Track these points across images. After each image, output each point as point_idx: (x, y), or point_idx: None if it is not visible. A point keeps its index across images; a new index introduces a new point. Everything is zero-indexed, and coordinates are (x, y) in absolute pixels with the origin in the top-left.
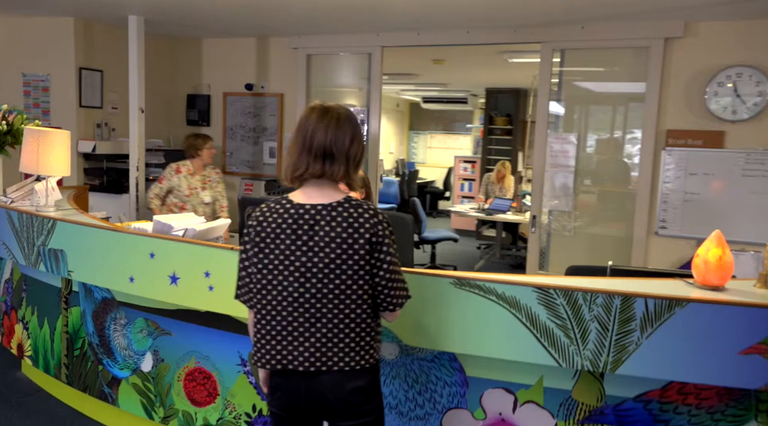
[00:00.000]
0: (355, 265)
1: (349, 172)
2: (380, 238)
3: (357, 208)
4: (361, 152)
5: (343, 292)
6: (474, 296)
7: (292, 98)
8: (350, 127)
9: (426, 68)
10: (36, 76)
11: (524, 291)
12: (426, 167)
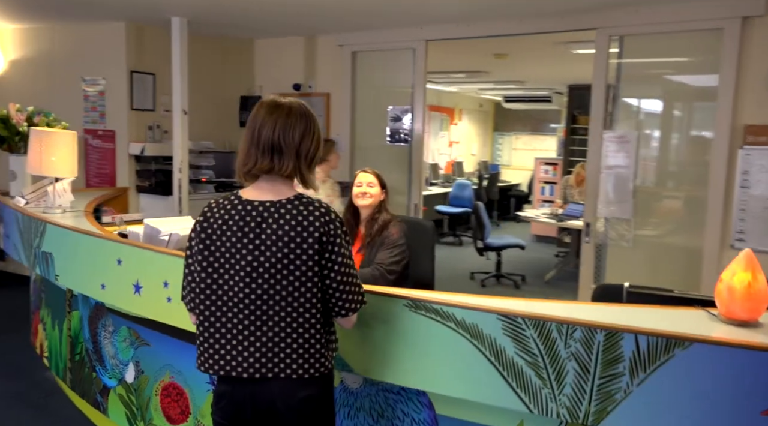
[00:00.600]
0: (303, 266)
1: (300, 168)
2: (331, 238)
3: (308, 206)
4: (316, 148)
5: (290, 293)
6: (431, 322)
7: (339, 97)
8: (301, 122)
9: (492, 64)
10: (94, 80)
11: (487, 318)
12: (511, 170)
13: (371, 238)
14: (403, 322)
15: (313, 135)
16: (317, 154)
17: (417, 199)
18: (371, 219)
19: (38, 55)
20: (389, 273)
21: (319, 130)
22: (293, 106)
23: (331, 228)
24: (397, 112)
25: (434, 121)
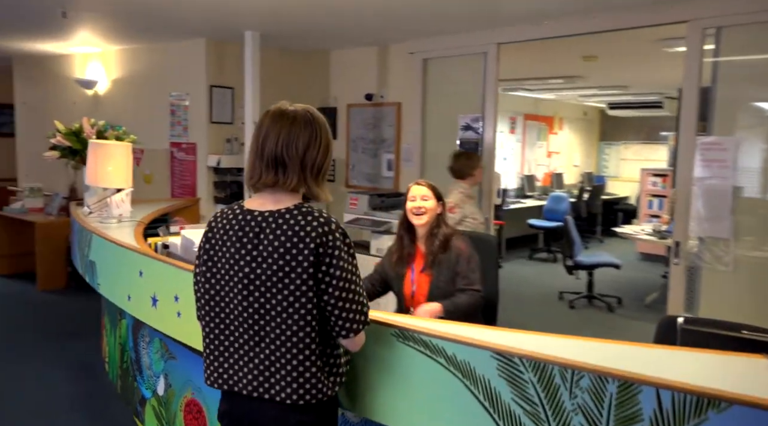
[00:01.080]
0: (297, 279)
1: (306, 181)
2: (330, 249)
3: (306, 215)
4: (323, 157)
5: (285, 309)
6: (420, 356)
7: (410, 106)
8: (306, 130)
9: (583, 68)
10: (179, 95)
11: (481, 356)
12: (618, 181)
13: (435, 256)
14: (392, 353)
15: (319, 144)
16: (325, 163)
17: (487, 212)
18: (430, 235)
19: (134, 74)
20: (480, 292)
21: (327, 137)
22: (298, 113)
23: (329, 239)
24: (468, 120)
25: (531, 131)
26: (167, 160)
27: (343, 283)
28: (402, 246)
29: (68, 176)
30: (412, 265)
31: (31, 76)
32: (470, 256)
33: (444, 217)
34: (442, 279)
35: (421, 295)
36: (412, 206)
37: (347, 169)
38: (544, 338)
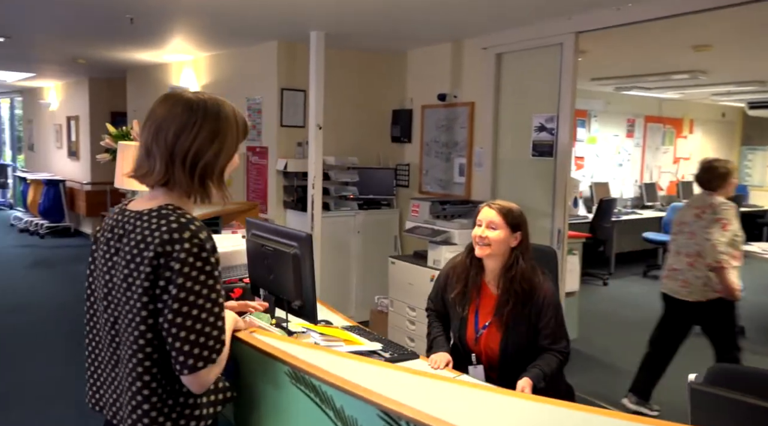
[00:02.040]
0: (135, 294)
1: (174, 175)
2: (172, 262)
3: (160, 218)
4: (202, 150)
5: (125, 329)
6: (308, 402)
7: (482, 107)
8: (184, 116)
9: (698, 61)
10: (254, 99)
11: (367, 413)
12: (764, 192)
13: (511, 305)
14: (283, 396)
15: (195, 133)
16: (208, 158)
17: (560, 223)
18: (503, 274)
19: (218, 80)
20: (563, 350)
21: (215, 129)
22: (178, 97)
23: (173, 249)
24: (542, 120)
25: (653, 134)
26: (244, 164)
27: (179, 306)
28: (467, 277)
29: None
30: (477, 305)
31: (139, 86)
32: (557, 306)
33: (525, 251)
34: (519, 332)
35: (490, 351)
36: (476, 234)
37: (420, 174)
38: (497, 397)
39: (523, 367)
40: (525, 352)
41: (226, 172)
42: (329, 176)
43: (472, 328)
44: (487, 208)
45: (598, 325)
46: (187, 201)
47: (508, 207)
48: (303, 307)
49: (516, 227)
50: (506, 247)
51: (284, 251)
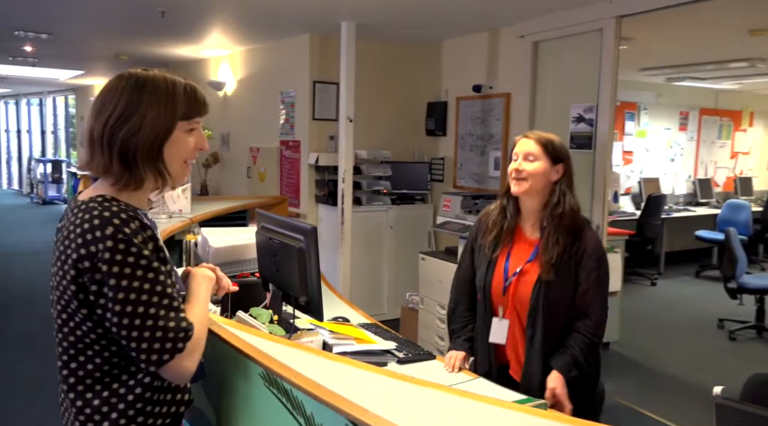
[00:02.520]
0: (67, 294)
1: (94, 162)
2: (97, 263)
3: (85, 213)
4: (118, 127)
5: (61, 328)
6: (280, 407)
7: (519, 97)
8: (104, 95)
9: (758, 46)
10: (287, 93)
11: (336, 421)
12: None
13: (557, 236)
14: (259, 398)
15: (111, 110)
16: (118, 135)
17: (599, 219)
18: (550, 208)
19: (252, 74)
20: (603, 317)
21: (132, 101)
22: (117, 81)
23: (98, 248)
24: (581, 110)
25: (709, 127)
26: (277, 158)
27: (121, 308)
28: (503, 219)
29: (199, 175)
30: (510, 250)
31: None
32: (601, 259)
33: (569, 188)
34: (557, 282)
35: (519, 302)
36: (512, 168)
37: (455, 168)
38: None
39: (553, 329)
40: (558, 310)
41: (167, 152)
42: (361, 170)
43: (501, 275)
44: (524, 138)
45: (641, 328)
46: (124, 191)
47: (547, 136)
48: (309, 303)
49: (558, 159)
50: (546, 182)
51: (290, 245)
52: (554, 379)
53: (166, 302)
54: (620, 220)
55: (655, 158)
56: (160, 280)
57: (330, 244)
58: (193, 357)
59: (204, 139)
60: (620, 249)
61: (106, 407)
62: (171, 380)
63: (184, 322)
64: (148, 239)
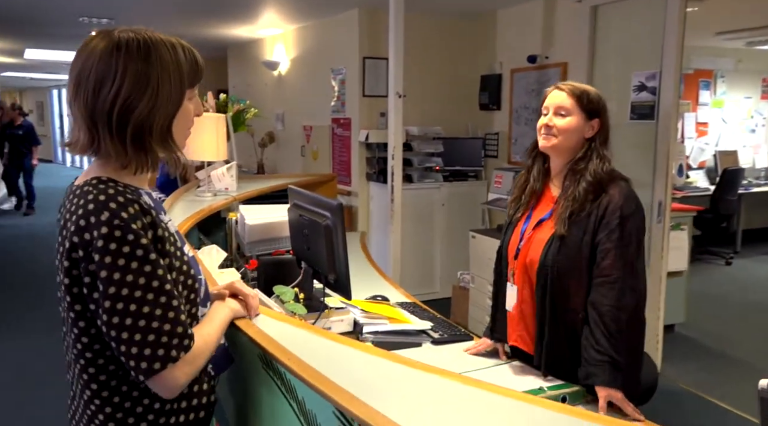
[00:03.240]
0: (63, 289)
1: (101, 144)
2: (92, 253)
3: (81, 197)
4: (132, 105)
5: (70, 331)
6: (276, 390)
7: (576, 67)
8: (101, 64)
9: None
10: (338, 70)
11: (325, 410)
12: None
13: (572, 203)
14: (253, 380)
15: (119, 84)
16: (133, 114)
17: (662, 195)
18: (570, 170)
19: (305, 52)
20: (627, 282)
21: (143, 73)
22: (100, 38)
23: (92, 236)
24: (642, 78)
25: None
26: (329, 136)
27: (111, 304)
28: (528, 179)
29: (256, 154)
30: (533, 209)
31: (238, 63)
32: (627, 219)
33: (603, 144)
34: (571, 243)
35: (530, 266)
36: (541, 124)
37: (509, 143)
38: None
39: (567, 293)
40: (572, 271)
41: (176, 125)
42: (412, 147)
43: (517, 236)
44: (556, 90)
45: (712, 309)
46: (124, 171)
47: (582, 88)
48: (337, 281)
49: (593, 113)
50: (578, 138)
51: (318, 222)
52: (602, 400)
53: (163, 300)
54: (692, 195)
55: (733, 129)
56: (157, 275)
57: (381, 222)
58: (186, 370)
59: (200, 105)
60: (687, 226)
61: (120, 414)
62: (159, 393)
63: (181, 327)
64: (148, 226)
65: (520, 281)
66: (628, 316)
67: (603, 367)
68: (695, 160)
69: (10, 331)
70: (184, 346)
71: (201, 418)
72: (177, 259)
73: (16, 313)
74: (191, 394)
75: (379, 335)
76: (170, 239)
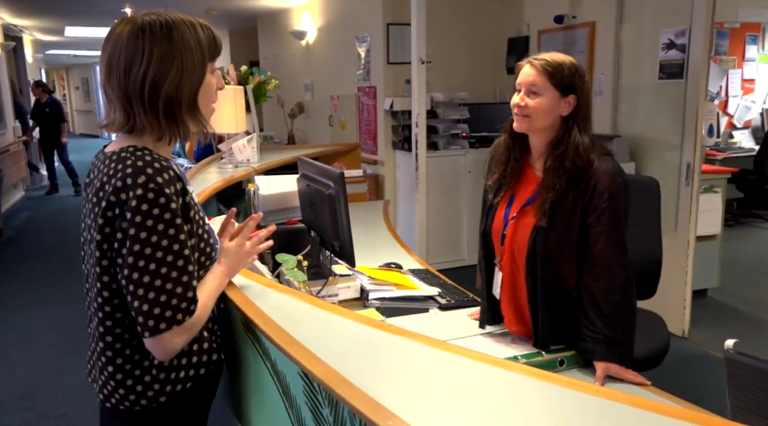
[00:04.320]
0: (93, 244)
1: (137, 120)
2: (126, 211)
3: (119, 163)
4: (161, 81)
5: (92, 284)
6: (254, 352)
7: (605, 26)
8: (128, 47)
9: None
10: (363, 38)
11: (292, 372)
12: None
13: (556, 179)
14: (239, 346)
15: (147, 62)
16: (162, 89)
17: (690, 156)
18: (551, 148)
19: (331, 21)
20: (619, 263)
21: (167, 52)
22: (124, 24)
23: (123, 198)
24: (671, 35)
25: None
26: (356, 105)
27: (134, 260)
28: (507, 159)
29: (286, 125)
30: (514, 192)
31: (268, 34)
32: (616, 197)
33: (583, 122)
34: (559, 228)
35: (518, 250)
36: (513, 102)
37: None
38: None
39: (558, 278)
40: (560, 258)
41: (200, 98)
42: (437, 114)
43: (501, 220)
44: (527, 65)
45: (750, 274)
46: (158, 142)
47: (556, 62)
48: (342, 248)
49: (568, 89)
50: (554, 118)
51: (322, 191)
52: (600, 372)
53: (181, 264)
54: (734, 156)
55: None
56: (180, 239)
57: (407, 190)
58: (185, 336)
59: (221, 79)
60: (721, 188)
61: (128, 365)
62: (154, 353)
63: (192, 292)
64: (179, 192)
65: (508, 267)
66: (621, 295)
67: (600, 344)
68: (740, 120)
69: (60, 298)
70: (189, 311)
71: (201, 375)
72: (200, 226)
73: (69, 282)
74: (191, 352)
75: (385, 301)
76: (195, 207)
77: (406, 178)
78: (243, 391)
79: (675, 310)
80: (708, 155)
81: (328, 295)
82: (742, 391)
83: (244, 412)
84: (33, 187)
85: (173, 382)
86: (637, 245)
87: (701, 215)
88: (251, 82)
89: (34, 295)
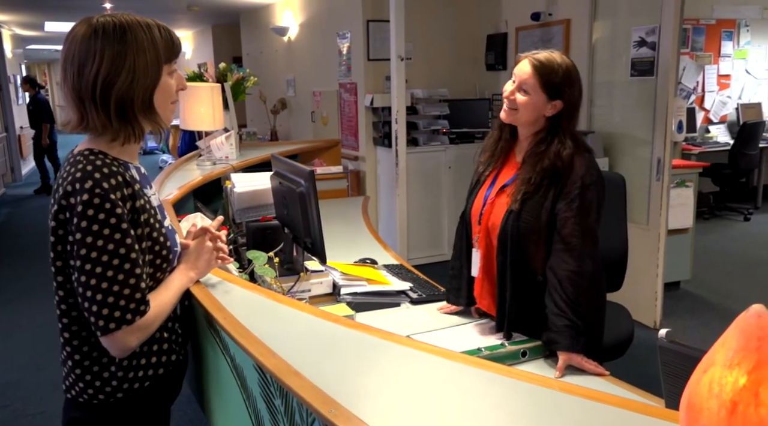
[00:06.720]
0: (49, 246)
1: (89, 119)
2: (73, 217)
3: (72, 166)
4: (112, 81)
5: (52, 284)
6: (216, 349)
7: (579, 23)
8: (82, 48)
9: None
10: (344, 34)
11: (248, 364)
12: None
13: (528, 189)
14: (201, 341)
15: (98, 63)
16: (113, 89)
17: (660, 152)
18: (532, 146)
19: (312, 17)
20: (586, 250)
21: (118, 52)
22: (80, 25)
23: (76, 201)
24: (642, 33)
25: None
26: (337, 101)
27: (81, 263)
28: (499, 138)
29: (269, 121)
30: (497, 174)
31: (251, 29)
32: (587, 188)
33: (568, 124)
34: (532, 208)
35: (493, 229)
36: (504, 89)
37: None
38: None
39: (527, 259)
40: (530, 240)
41: (156, 99)
42: (417, 110)
43: (480, 200)
44: (525, 61)
45: (724, 266)
46: (113, 143)
47: (552, 65)
48: (313, 245)
49: (555, 93)
50: (538, 116)
51: (293, 189)
52: (561, 362)
53: (127, 267)
54: (711, 151)
55: (758, 82)
56: (126, 243)
57: (388, 186)
58: (137, 334)
59: (183, 79)
60: (693, 183)
61: (87, 361)
62: (110, 351)
63: (139, 293)
64: (127, 198)
65: (484, 246)
66: (587, 282)
67: (564, 334)
68: (716, 115)
69: (37, 295)
70: (139, 312)
71: (160, 374)
72: (155, 230)
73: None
74: (150, 352)
75: (357, 296)
76: (150, 211)
77: (386, 174)
78: (206, 386)
79: (647, 302)
80: (684, 150)
81: (301, 291)
82: (675, 378)
83: (208, 404)
84: (14, 184)
85: (130, 380)
86: (605, 239)
87: (673, 209)
88: (230, 80)
89: (10, 292)
